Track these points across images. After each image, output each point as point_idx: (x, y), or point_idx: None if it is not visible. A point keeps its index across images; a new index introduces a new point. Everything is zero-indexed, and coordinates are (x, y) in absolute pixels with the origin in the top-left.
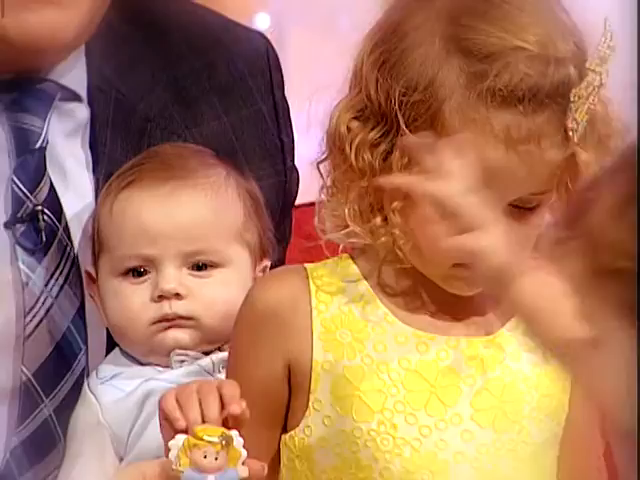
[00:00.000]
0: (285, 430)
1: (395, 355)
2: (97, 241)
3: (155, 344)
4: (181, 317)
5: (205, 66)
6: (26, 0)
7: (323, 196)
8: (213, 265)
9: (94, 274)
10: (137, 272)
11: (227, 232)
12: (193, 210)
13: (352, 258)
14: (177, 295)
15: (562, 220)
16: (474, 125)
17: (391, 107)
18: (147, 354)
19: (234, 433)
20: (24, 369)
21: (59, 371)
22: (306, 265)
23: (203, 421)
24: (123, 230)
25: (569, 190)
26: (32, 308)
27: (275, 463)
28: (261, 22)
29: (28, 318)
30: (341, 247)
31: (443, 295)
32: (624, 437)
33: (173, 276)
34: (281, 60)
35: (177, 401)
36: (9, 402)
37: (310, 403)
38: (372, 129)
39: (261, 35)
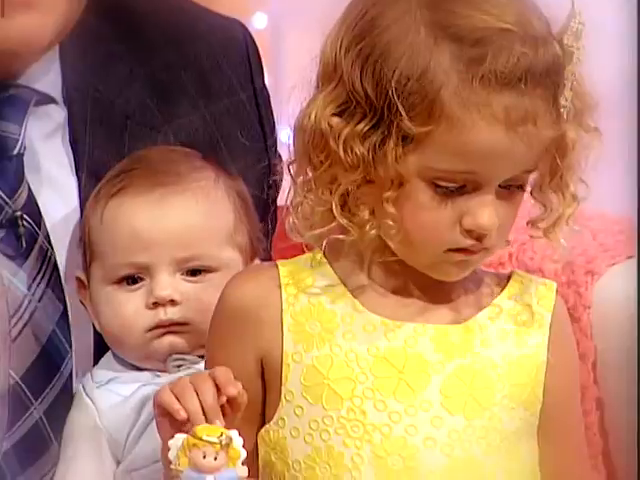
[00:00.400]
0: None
1: (363, 343)
2: (88, 248)
3: (151, 350)
4: (177, 323)
5: (181, 58)
6: (1, 4)
7: (297, 197)
8: (207, 270)
9: (85, 280)
10: (131, 279)
11: (219, 236)
12: (185, 216)
13: (323, 253)
14: (172, 301)
15: None
16: (474, 108)
17: (382, 99)
18: (143, 360)
19: (234, 433)
20: (12, 372)
21: (47, 374)
22: (278, 261)
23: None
24: (115, 238)
25: (557, 166)
26: (16, 312)
27: (252, 460)
28: (258, 22)
29: (13, 321)
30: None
31: (413, 283)
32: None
33: (167, 282)
34: (278, 60)
35: (173, 394)
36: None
37: (282, 395)
38: (359, 122)
39: (239, 23)
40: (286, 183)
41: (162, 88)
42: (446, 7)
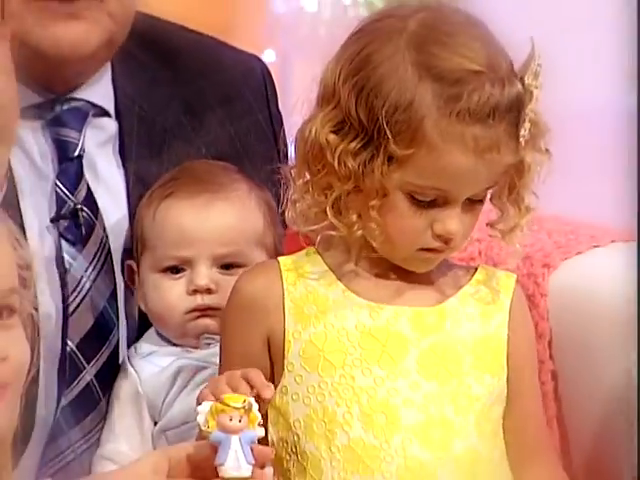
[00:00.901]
0: None
1: (352, 322)
2: (140, 241)
3: (188, 329)
4: (211, 308)
5: (210, 84)
6: (55, 16)
7: (295, 196)
8: (239, 265)
9: (135, 268)
10: (175, 269)
11: (251, 238)
12: (224, 219)
13: (317, 249)
14: (208, 290)
15: None
16: (450, 138)
17: (373, 124)
18: (180, 337)
19: (252, 400)
20: (68, 341)
21: (98, 343)
22: (279, 257)
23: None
24: (164, 234)
25: (515, 184)
26: (74, 290)
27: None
28: (268, 56)
29: (71, 298)
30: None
31: (393, 272)
32: None
33: (205, 274)
34: (285, 87)
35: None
36: (58, 369)
37: (285, 366)
38: (352, 140)
39: (257, 58)
40: None
41: (195, 109)
42: (429, 50)
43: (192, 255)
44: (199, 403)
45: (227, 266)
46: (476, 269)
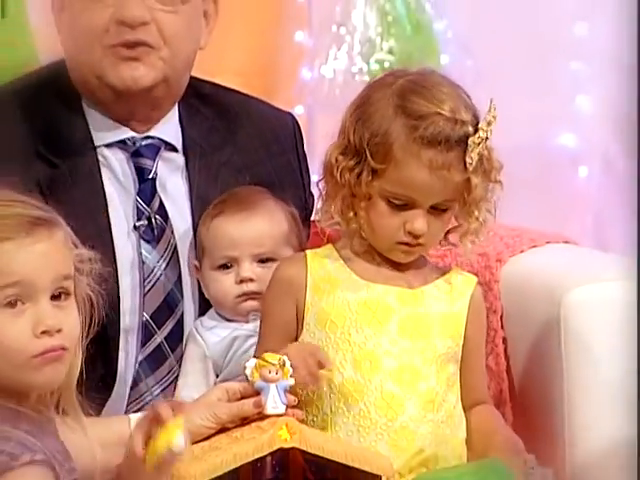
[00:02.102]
0: None
1: (353, 294)
2: (200, 248)
3: (238, 309)
4: (254, 293)
5: (255, 131)
6: (122, 58)
7: (319, 202)
8: (272, 259)
9: (199, 266)
10: (226, 266)
11: (279, 240)
12: (257, 228)
13: (333, 245)
14: (250, 280)
15: None
16: (411, 157)
17: (362, 147)
18: (233, 315)
19: (286, 358)
20: (144, 313)
21: (166, 315)
22: (307, 251)
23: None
24: (217, 241)
25: (465, 200)
26: (149, 276)
27: None
28: (298, 111)
29: (146, 282)
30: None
31: (385, 262)
32: None
33: (248, 268)
34: (310, 134)
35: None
36: (136, 334)
37: (304, 326)
38: (350, 160)
39: (289, 113)
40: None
41: (242, 149)
42: (408, 97)
43: (237, 255)
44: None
45: (263, 261)
46: (450, 269)
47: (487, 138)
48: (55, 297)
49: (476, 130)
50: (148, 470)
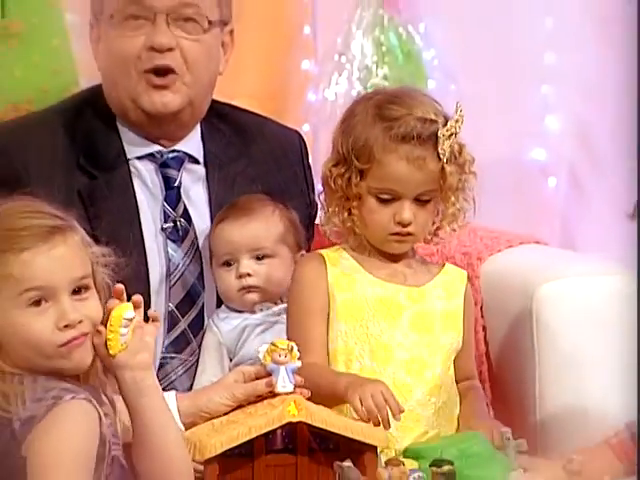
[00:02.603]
0: None
1: (369, 291)
2: (210, 248)
3: (241, 301)
4: (252, 287)
5: (266, 147)
6: (153, 85)
7: (323, 211)
8: (268, 256)
9: (210, 265)
10: (228, 264)
11: (274, 239)
12: (255, 231)
13: (341, 246)
14: (249, 275)
15: None
16: (389, 154)
17: (348, 153)
18: (239, 306)
19: (293, 344)
20: (170, 303)
21: (189, 305)
22: (321, 250)
23: None
24: (220, 243)
25: (441, 187)
26: (174, 271)
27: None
28: (305, 129)
29: (172, 276)
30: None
31: (393, 263)
32: None
33: (246, 265)
34: (314, 149)
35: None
36: (163, 322)
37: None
38: (341, 167)
39: (296, 131)
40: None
41: (255, 162)
42: (384, 106)
43: (236, 254)
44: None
45: (260, 258)
46: (444, 265)
47: (456, 134)
48: (75, 292)
49: (446, 126)
50: (114, 351)
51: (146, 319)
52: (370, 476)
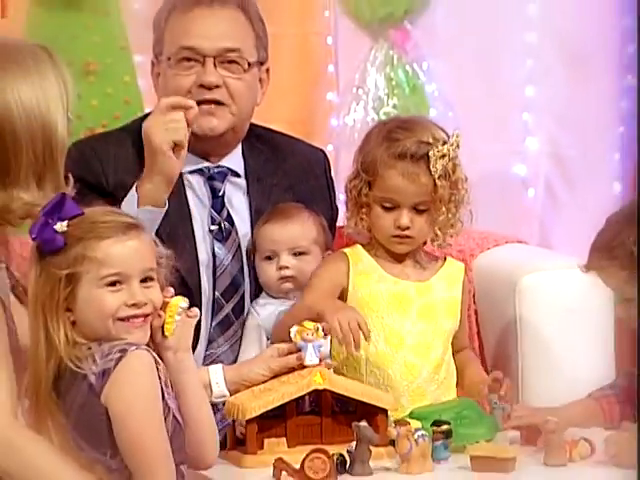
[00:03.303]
0: None
1: (384, 288)
2: (254, 244)
3: (280, 289)
4: (289, 277)
5: (296, 163)
6: (203, 113)
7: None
8: (303, 253)
9: (250, 259)
10: (269, 258)
11: (309, 240)
12: (294, 232)
13: (361, 245)
14: (287, 267)
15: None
16: (389, 169)
17: (361, 169)
18: (276, 293)
19: (319, 325)
20: (216, 292)
21: (232, 292)
22: (344, 249)
23: None
24: (264, 241)
25: (434, 198)
26: (219, 265)
27: None
28: (329, 149)
29: (217, 269)
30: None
31: (403, 263)
32: None
33: (286, 260)
34: (336, 166)
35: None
36: (210, 306)
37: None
38: (355, 180)
39: (322, 151)
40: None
41: (288, 175)
42: (392, 130)
43: (277, 250)
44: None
45: (297, 254)
46: (445, 259)
47: (449, 155)
48: (143, 280)
49: (438, 149)
50: (169, 333)
51: (200, 305)
52: (382, 434)
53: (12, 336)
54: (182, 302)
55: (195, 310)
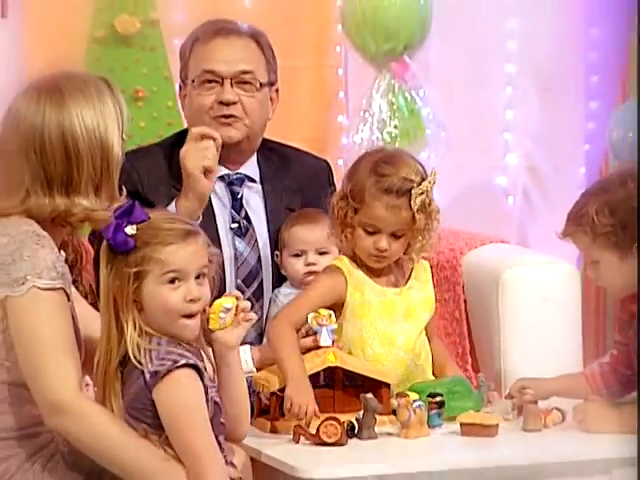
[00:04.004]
0: None
1: (375, 297)
2: (281, 243)
3: (304, 282)
4: (314, 272)
5: (305, 170)
6: (222, 124)
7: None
8: (326, 253)
9: (279, 255)
10: (298, 255)
11: (331, 240)
12: (320, 234)
13: (343, 257)
14: (314, 264)
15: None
16: (375, 200)
17: (349, 194)
18: (299, 285)
19: (331, 312)
20: (237, 279)
21: (251, 280)
22: (338, 265)
23: None
24: (293, 241)
25: (412, 228)
26: (239, 257)
27: None
28: (340, 162)
29: (238, 261)
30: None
31: (386, 275)
32: None
33: (313, 257)
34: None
35: None
36: (252, 293)
37: (342, 316)
38: (342, 202)
39: (326, 161)
40: None
41: (297, 180)
42: (379, 164)
43: (305, 248)
44: None
45: (321, 253)
46: (413, 262)
47: (427, 192)
48: (197, 277)
49: (419, 185)
50: (212, 327)
51: (224, 290)
52: (385, 404)
53: (74, 323)
54: (227, 303)
55: (251, 315)
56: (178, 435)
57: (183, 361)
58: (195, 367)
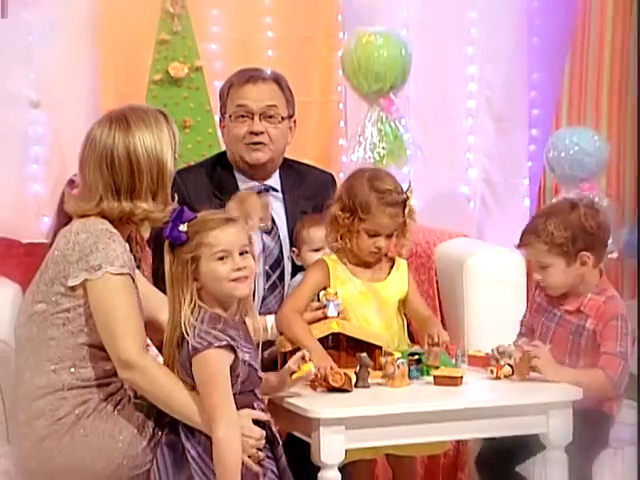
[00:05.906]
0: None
1: (354, 288)
2: (300, 241)
3: None
4: None
5: (314, 182)
6: (252, 150)
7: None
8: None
9: (297, 251)
10: (317, 250)
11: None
12: (322, 233)
13: (335, 255)
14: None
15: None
16: (380, 212)
17: (353, 207)
18: None
19: (337, 290)
20: (265, 266)
21: (276, 266)
22: (325, 259)
23: None
24: (313, 239)
25: (400, 231)
26: (267, 249)
27: None
28: (340, 175)
29: (266, 252)
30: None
31: (366, 269)
32: None
33: (328, 251)
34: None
35: None
36: (263, 275)
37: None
38: (346, 213)
39: (331, 174)
40: None
41: (309, 189)
42: (373, 181)
43: (324, 245)
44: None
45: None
46: (394, 260)
47: (412, 207)
48: (241, 254)
49: (407, 197)
50: (293, 382)
51: (257, 275)
52: (376, 361)
53: (137, 299)
54: (313, 368)
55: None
56: (204, 394)
57: (216, 344)
58: (226, 346)
